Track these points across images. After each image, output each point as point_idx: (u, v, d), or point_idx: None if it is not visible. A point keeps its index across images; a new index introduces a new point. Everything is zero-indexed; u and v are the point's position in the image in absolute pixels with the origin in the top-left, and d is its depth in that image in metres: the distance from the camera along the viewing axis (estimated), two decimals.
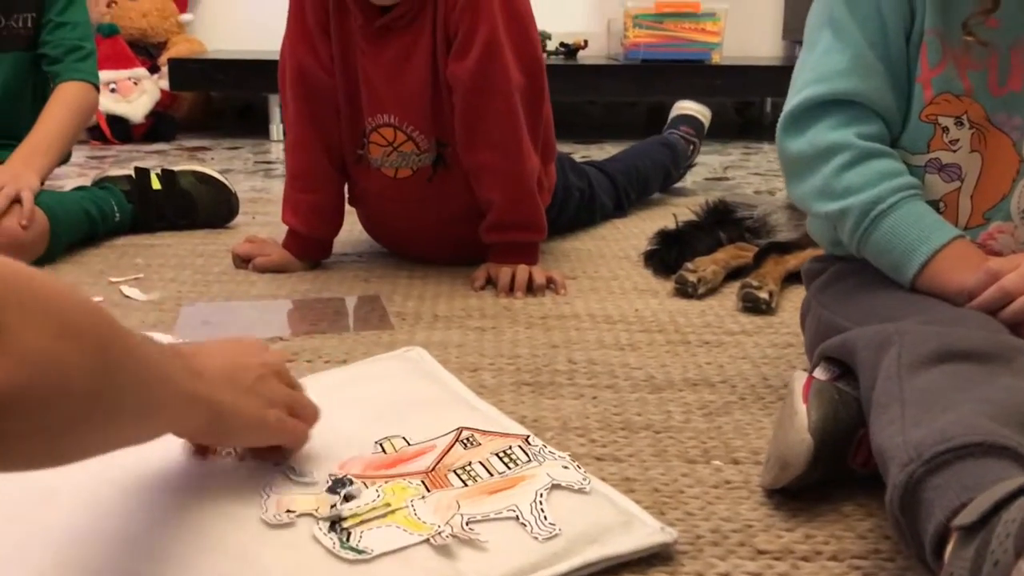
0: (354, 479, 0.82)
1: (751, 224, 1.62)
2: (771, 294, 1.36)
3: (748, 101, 3.42)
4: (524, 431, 0.92)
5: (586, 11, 3.30)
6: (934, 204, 0.97)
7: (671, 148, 2.10)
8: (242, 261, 1.53)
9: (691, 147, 2.15)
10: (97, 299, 1.34)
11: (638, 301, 1.40)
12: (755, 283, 1.37)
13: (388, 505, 0.79)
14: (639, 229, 1.80)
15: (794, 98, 0.98)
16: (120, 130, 2.86)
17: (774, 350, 1.21)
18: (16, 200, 1.48)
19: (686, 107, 2.22)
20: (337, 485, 0.81)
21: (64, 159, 1.71)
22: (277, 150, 2.77)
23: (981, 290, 0.87)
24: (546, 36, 3.07)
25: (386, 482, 0.82)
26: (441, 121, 1.46)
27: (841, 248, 1.01)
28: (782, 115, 1.00)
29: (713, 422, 1.01)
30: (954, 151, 0.96)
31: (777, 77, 3.01)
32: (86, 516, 0.75)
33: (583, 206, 1.80)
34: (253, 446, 0.84)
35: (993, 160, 0.96)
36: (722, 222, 1.63)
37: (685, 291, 1.42)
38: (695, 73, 2.93)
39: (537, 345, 1.23)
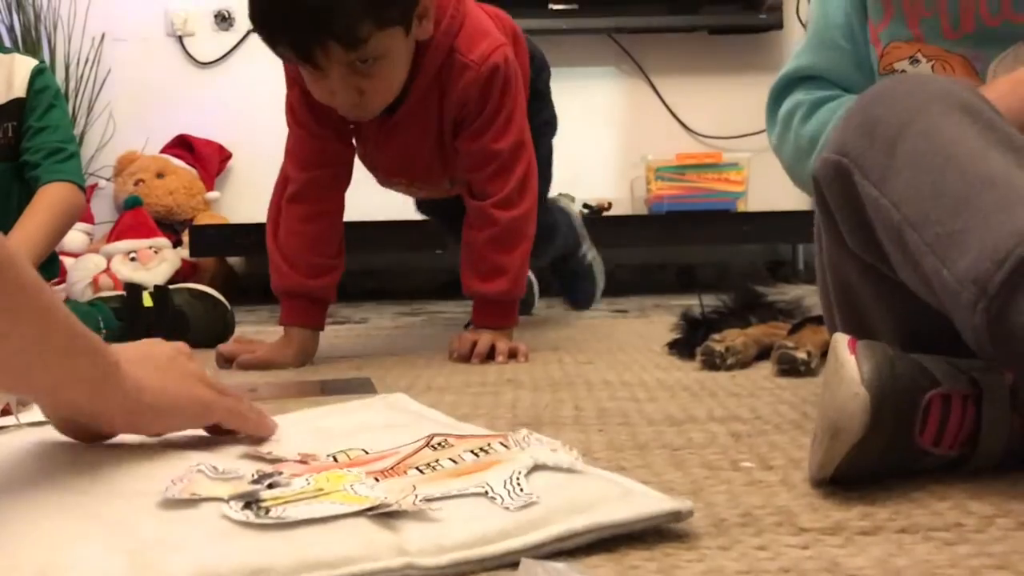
0: (285, 473, 0.66)
1: (784, 307, 1.47)
2: (809, 354, 1.20)
3: (779, 260, 3.33)
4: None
5: (609, 174, 3.29)
6: None
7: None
8: (225, 361, 1.41)
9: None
10: None
11: (659, 372, 1.24)
12: (791, 344, 1.21)
13: (320, 489, 0.62)
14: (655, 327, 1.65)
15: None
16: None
17: (817, 398, 1.04)
18: None
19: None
20: (263, 478, 0.65)
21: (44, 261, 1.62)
22: None
23: None
24: (569, 199, 3.05)
25: (319, 472, 0.66)
26: (450, 170, 1.52)
27: None
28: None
29: (741, 441, 0.83)
30: None
31: (807, 223, 2.93)
32: None
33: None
34: (193, 426, 0.74)
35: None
36: (752, 307, 1.49)
37: (712, 362, 1.26)
38: (721, 222, 2.86)
39: (540, 400, 1.07)
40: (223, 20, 3.04)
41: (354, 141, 1.51)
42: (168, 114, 3.04)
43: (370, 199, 2.76)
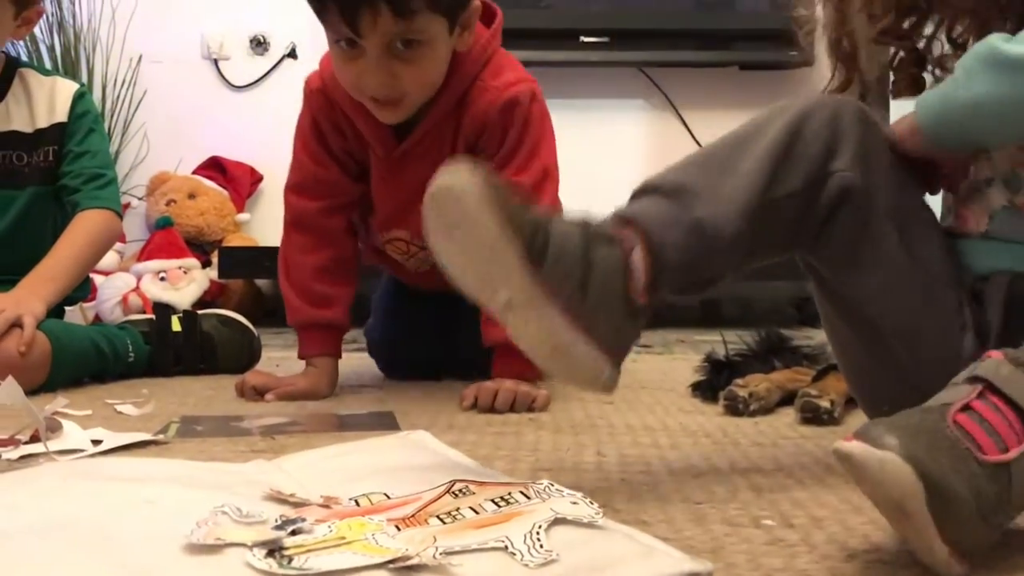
0: (308, 519, 0.66)
1: (809, 352, 1.47)
2: (832, 403, 1.19)
3: (806, 297, 3.31)
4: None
5: None
6: None
7: None
8: (255, 393, 1.39)
9: None
10: (86, 412, 1.23)
11: (681, 415, 1.24)
12: (814, 392, 1.21)
13: (343, 538, 0.63)
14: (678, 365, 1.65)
15: None
16: None
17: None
18: (17, 325, 1.40)
19: None
20: (286, 523, 0.65)
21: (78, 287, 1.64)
22: None
23: None
24: None
25: (341, 519, 0.66)
26: None
27: None
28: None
29: (763, 496, 0.83)
30: None
31: None
32: None
33: None
34: None
35: None
36: (777, 351, 1.48)
37: (735, 407, 1.25)
38: None
39: (562, 444, 1.07)
40: (258, 45, 3.08)
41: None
42: (201, 136, 3.07)
43: None
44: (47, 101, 1.62)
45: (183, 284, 2.89)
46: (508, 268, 0.75)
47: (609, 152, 3.13)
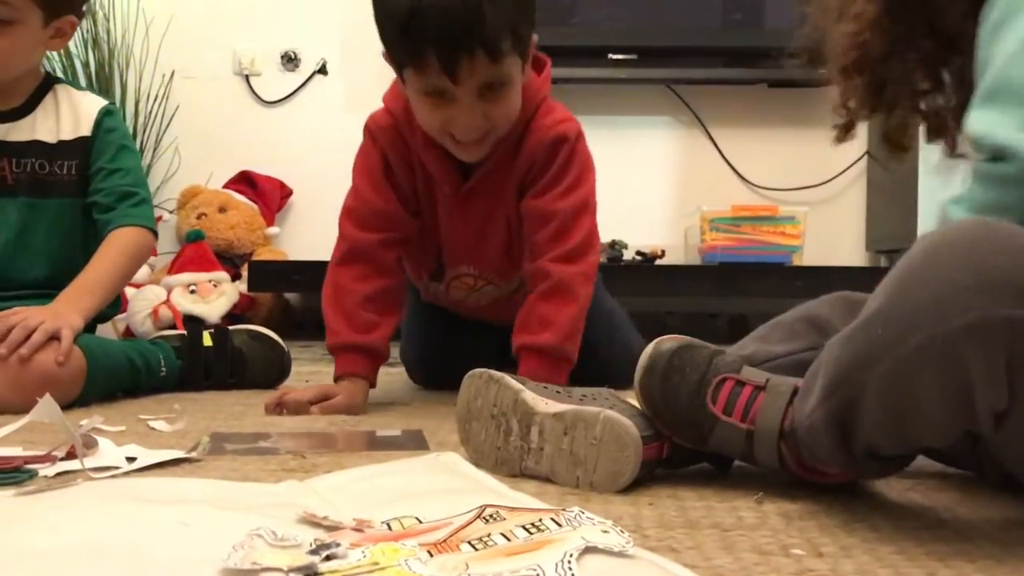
0: (343, 544, 0.67)
1: None
2: None
3: None
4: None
5: (663, 223, 3.29)
6: None
7: None
8: (292, 411, 1.39)
9: None
10: (119, 428, 1.25)
11: None
12: None
13: (376, 563, 0.64)
14: None
15: None
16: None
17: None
18: (55, 337, 1.43)
19: None
20: (321, 548, 0.66)
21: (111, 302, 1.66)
22: None
23: None
24: (622, 245, 3.06)
25: (375, 544, 0.67)
26: (519, 261, 1.51)
27: None
28: None
29: (792, 523, 0.83)
30: None
31: (861, 279, 2.90)
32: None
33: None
34: None
35: None
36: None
37: None
38: (774, 275, 2.84)
39: None
40: (289, 61, 3.12)
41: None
42: (232, 150, 3.11)
43: None
44: (73, 115, 1.64)
45: (213, 297, 2.92)
46: None
47: (637, 169, 3.14)
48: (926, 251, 0.74)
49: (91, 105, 1.66)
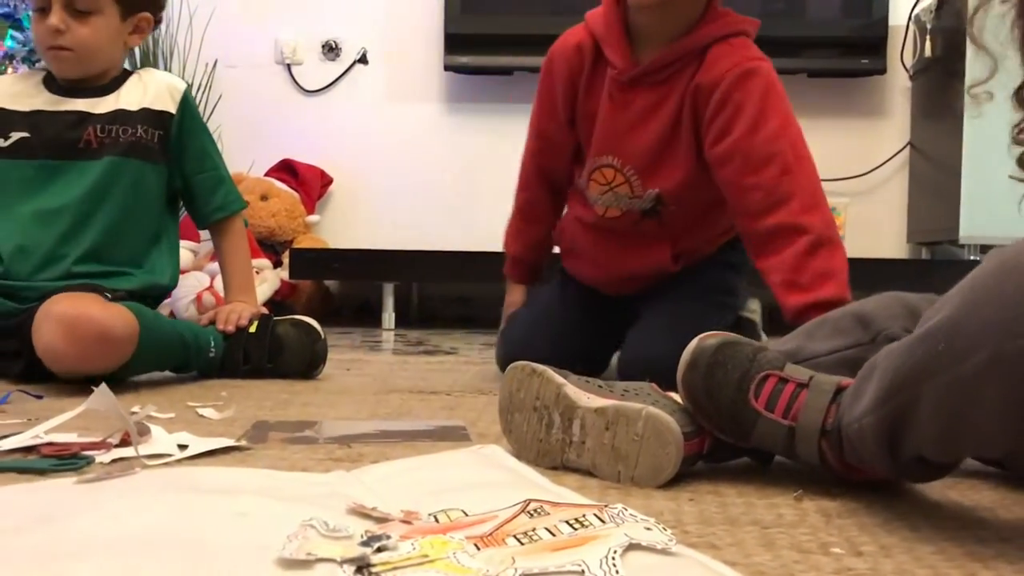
0: (393, 536, 0.70)
1: None
2: None
3: None
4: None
5: None
6: None
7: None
8: None
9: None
10: (169, 415, 1.28)
11: None
12: None
13: (425, 556, 0.66)
14: None
15: None
16: None
17: None
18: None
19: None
20: (372, 540, 0.69)
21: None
22: (388, 336, 2.76)
23: None
24: None
25: (424, 536, 0.69)
26: (664, 177, 1.54)
27: None
28: None
29: (831, 522, 0.84)
30: None
31: (902, 271, 2.89)
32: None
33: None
34: None
35: None
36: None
37: None
38: None
39: None
40: (330, 50, 3.14)
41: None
42: (274, 139, 3.15)
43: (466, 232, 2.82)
44: (155, 87, 1.74)
45: (255, 283, 2.96)
46: None
47: None
48: (996, 267, 0.74)
49: (172, 82, 1.78)
